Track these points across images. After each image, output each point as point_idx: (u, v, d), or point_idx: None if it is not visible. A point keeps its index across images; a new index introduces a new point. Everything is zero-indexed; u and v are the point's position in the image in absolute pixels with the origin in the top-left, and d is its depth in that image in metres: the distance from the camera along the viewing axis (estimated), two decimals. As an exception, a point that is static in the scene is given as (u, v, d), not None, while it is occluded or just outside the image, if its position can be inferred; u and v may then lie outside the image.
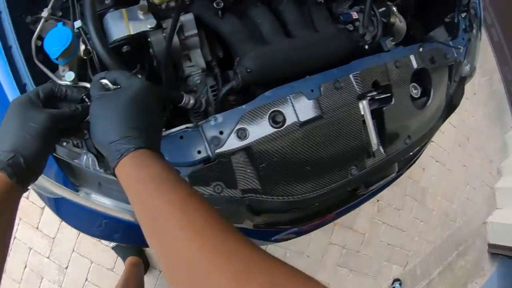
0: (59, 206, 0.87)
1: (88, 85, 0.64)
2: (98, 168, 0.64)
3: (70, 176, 0.68)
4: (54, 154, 0.65)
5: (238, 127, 0.65)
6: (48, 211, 1.73)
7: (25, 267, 1.83)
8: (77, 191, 0.68)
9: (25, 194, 1.76)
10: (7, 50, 0.68)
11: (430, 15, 1.14)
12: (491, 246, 2.80)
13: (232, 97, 0.75)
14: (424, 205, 2.42)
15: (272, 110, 0.67)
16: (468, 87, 2.97)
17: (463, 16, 1.10)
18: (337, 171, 0.76)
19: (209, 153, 0.65)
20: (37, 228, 1.82)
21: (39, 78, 0.66)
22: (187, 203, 0.40)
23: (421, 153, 1.12)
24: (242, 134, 0.65)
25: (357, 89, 0.74)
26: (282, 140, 0.68)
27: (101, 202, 0.69)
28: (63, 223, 1.74)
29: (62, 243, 1.86)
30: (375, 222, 2.22)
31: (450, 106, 1.03)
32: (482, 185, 2.83)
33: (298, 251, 1.93)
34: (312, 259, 1.99)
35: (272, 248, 1.83)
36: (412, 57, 0.85)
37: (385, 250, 2.27)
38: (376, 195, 1.85)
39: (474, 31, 1.11)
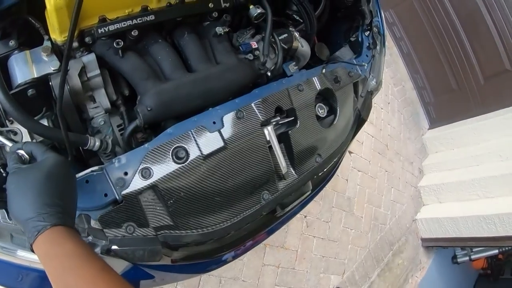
0: None
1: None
2: (8, 220, 0.63)
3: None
4: None
5: (141, 166, 0.66)
6: None
7: None
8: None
9: None
10: None
11: (335, 36, 1.25)
12: (424, 240, 3.04)
13: (140, 134, 0.76)
14: (352, 214, 2.56)
15: (175, 146, 0.69)
16: (381, 98, 3.23)
17: (366, 34, 1.21)
18: (249, 197, 0.79)
19: (116, 195, 0.65)
20: None
21: None
22: (98, 278, 0.44)
23: (337, 168, 1.20)
24: (146, 173, 0.66)
25: (260, 116, 0.79)
26: (187, 175, 0.70)
27: (16, 254, 0.67)
28: None
29: None
30: (305, 237, 2.28)
31: (359, 120, 1.13)
32: (406, 186, 3.08)
33: (233, 277, 1.93)
34: (248, 283, 2.00)
35: (206, 278, 1.82)
36: (315, 79, 0.92)
37: (320, 262, 2.34)
38: (303, 211, 1.93)
39: (378, 47, 1.23)
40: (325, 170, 1.00)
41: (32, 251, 0.48)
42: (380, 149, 2.90)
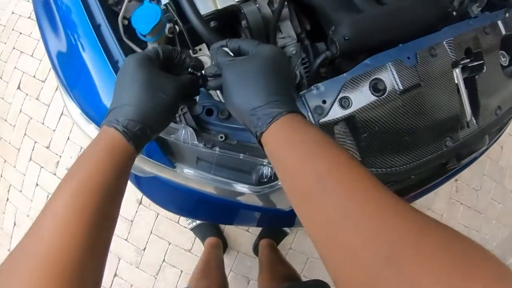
0: (144, 184, 0.89)
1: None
2: (196, 142, 0.65)
3: (167, 152, 0.69)
4: None
5: (341, 95, 0.65)
6: (126, 195, 1.86)
7: None
8: (174, 167, 0.69)
9: None
10: (97, 29, 0.70)
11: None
12: None
13: (323, 69, 0.75)
14: (503, 186, 2.34)
15: (373, 78, 0.67)
16: None
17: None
18: (433, 142, 0.75)
19: (313, 122, 0.65)
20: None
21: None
22: (354, 166, 0.38)
23: (506, 128, 1.08)
24: (345, 103, 0.65)
25: (451, 56, 0.74)
26: (383, 108, 0.67)
27: (198, 178, 0.69)
28: (142, 206, 1.97)
29: (140, 225, 2.02)
30: (453, 202, 2.20)
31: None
32: None
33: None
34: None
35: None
36: (499, 23, 0.83)
37: (462, 232, 2.23)
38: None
39: None
40: (498, 126, 0.91)
41: (259, 143, 0.46)
42: None
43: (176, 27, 0.73)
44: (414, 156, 0.73)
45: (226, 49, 0.55)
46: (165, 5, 0.71)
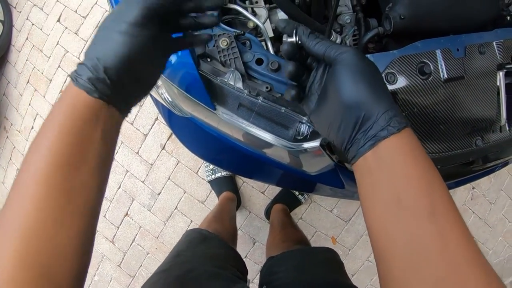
0: (177, 123, 0.97)
1: None
2: (242, 88, 0.74)
3: (210, 94, 0.77)
4: (199, 70, 0.75)
5: (388, 70, 0.74)
6: (150, 139, 2.13)
7: (119, 187, 2.21)
8: (215, 109, 0.77)
9: (129, 119, 2.01)
10: None
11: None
12: None
13: (371, 45, 0.84)
14: None
15: (421, 60, 0.75)
16: None
17: None
18: (464, 138, 0.84)
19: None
20: (137, 153, 2.18)
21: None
22: (454, 205, 0.42)
23: None
24: (391, 78, 0.74)
25: (498, 58, 0.82)
26: (426, 92, 0.76)
27: (235, 123, 0.78)
28: (164, 151, 2.13)
29: (159, 170, 2.18)
30: (465, 209, 2.33)
31: None
32: None
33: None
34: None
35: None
36: (550, 37, 0.92)
37: None
38: (474, 182, 1.94)
39: None
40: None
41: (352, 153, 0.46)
42: None
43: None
44: (445, 147, 0.82)
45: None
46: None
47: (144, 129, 2.16)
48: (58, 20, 2.37)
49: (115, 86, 0.43)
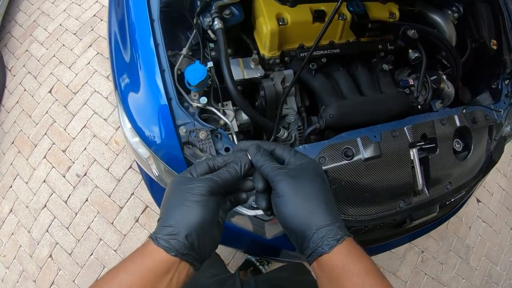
0: (156, 189, 1.25)
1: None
2: None
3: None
4: (183, 154, 1.04)
5: (320, 155, 1.03)
6: (125, 211, 2.34)
7: (91, 254, 2.32)
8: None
9: (107, 192, 2.27)
10: (162, 73, 1.07)
11: (478, 82, 1.52)
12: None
13: (313, 136, 1.15)
14: (467, 263, 2.67)
15: (345, 146, 1.05)
16: None
17: (506, 83, 1.47)
18: (388, 202, 1.11)
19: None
20: (111, 223, 2.36)
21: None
22: None
23: (461, 205, 1.44)
24: (322, 160, 1.03)
25: (409, 139, 1.12)
26: (350, 169, 1.05)
27: None
28: (137, 224, 2.33)
29: (131, 241, 2.33)
30: (417, 271, 2.51)
31: (490, 161, 1.37)
32: (531, 251, 3.02)
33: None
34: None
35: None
36: (456, 117, 1.21)
37: None
38: (421, 245, 2.19)
39: (517, 96, 1.46)
40: (452, 200, 1.27)
41: (309, 260, 0.53)
42: (509, 204, 2.99)
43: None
44: (371, 210, 1.09)
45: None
46: (210, 67, 1.13)
47: (120, 202, 2.37)
48: (50, 91, 2.70)
49: (191, 246, 0.52)
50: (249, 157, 0.61)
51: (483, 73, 1.54)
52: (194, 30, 1.19)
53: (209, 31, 1.17)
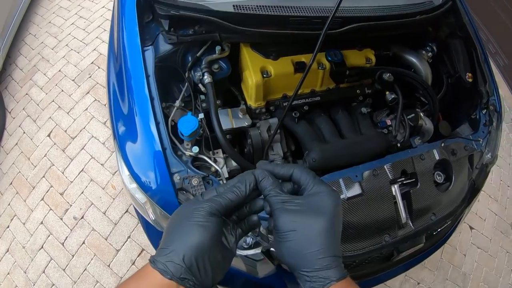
0: (151, 231, 1.33)
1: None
2: None
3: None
4: (178, 199, 1.13)
5: (305, 198, 1.12)
6: (122, 254, 2.37)
7: None
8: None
9: (104, 235, 2.30)
10: (157, 125, 1.17)
11: (457, 113, 1.62)
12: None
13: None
14: None
15: (329, 188, 1.14)
16: (509, 175, 3.32)
17: (483, 112, 1.56)
18: (374, 236, 1.18)
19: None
20: (108, 266, 2.37)
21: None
22: None
23: (450, 233, 1.51)
24: (308, 203, 1.12)
25: (390, 176, 1.20)
26: (335, 209, 1.13)
27: None
28: (134, 266, 2.35)
29: None
30: None
31: (474, 189, 1.45)
32: (529, 271, 3.02)
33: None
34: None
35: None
36: (434, 151, 1.30)
37: None
38: (416, 277, 2.21)
39: (494, 123, 1.55)
40: (438, 230, 1.34)
41: None
42: (503, 228, 3.02)
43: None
44: (358, 246, 1.17)
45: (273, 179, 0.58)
46: (201, 119, 1.23)
47: (117, 245, 2.39)
48: (49, 135, 2.79)
49: (189, 269, 0.50)
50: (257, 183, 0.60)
51: (462, 105, 1.64)
52: (186, 83, 1.31)
53: (200, 85, 1.28)
